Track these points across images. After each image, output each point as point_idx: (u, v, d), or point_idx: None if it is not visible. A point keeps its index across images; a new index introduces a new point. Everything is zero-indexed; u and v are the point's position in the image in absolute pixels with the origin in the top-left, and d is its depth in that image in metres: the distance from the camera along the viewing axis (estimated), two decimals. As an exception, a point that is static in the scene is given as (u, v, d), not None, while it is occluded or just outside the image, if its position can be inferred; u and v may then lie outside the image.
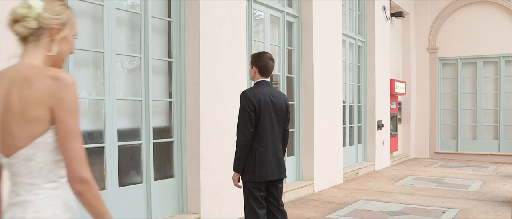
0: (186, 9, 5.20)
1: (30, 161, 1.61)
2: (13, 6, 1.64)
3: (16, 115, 1.59)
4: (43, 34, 1.67)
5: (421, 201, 6.76)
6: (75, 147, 1.59)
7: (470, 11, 12.50)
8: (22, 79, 1.61)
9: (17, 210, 1.61)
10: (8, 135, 1.62)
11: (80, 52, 4.31)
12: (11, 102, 1.60)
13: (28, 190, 1.62)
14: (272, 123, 3.79)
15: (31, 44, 1.68)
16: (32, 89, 1.59)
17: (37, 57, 1.67)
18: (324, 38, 7.76)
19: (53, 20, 1.68)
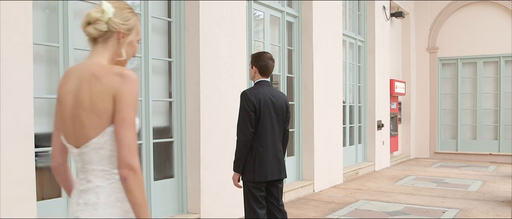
0: (186, 9, 5.19)
1: (101, 149, 1.77)
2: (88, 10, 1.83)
3: (86, 108, 1.76)
4: (111, 37, 1.84)
5: (421, 201, 6.76)
6: (127, 135, 1.74)
7: (470, 11, 12.50)
8: (91, 75, 1.77)
9: (89, 196, 1.78)
10: (80, 126, 1.78)
11: (80, 52, 4.30)
12: (81, 97, 1.77)
13: (99, 176, 1.79)
14: (272, 123, 3.79)
15: (100, 45, 1.84)
16: (101, 85, 1.75)
17: (104, 57, 1.84)
18: (324, 38, 7.76)
19: (121, 25, 1.83)
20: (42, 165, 4.05)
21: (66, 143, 1.88)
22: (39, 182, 3.80)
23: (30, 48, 3.48)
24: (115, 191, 1.79)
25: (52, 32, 4.05)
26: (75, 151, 1.83)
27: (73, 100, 1.79)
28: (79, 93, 1.78)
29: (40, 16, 4.00)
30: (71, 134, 1.83)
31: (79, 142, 1.80)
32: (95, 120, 1.76)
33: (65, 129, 1.85)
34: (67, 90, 1.82)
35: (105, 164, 1.79)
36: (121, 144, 1.73)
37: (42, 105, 4.02)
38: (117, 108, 1.75)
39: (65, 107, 1.82)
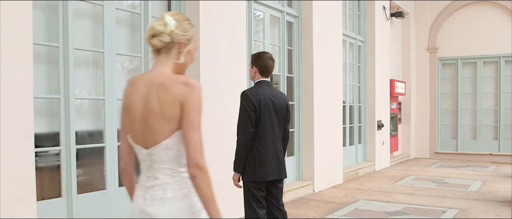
0: (186, 9, 5.19)
1: (170, 150, 1.96)
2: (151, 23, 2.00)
3: (156, 114, 1.93)
4: (173, 47, 2.01)
5: (421, 201, 6.76)
6: (195, 137, 1.92)
7: (470, 11, 12.50)
8: (159, 84, 1.95)
9: (157, 191, 1.97)
10: (149, 130, 1.95)
11: (80, 52, 4.30)
12: (150, 104, 1.94)
13: (166, 174, 1.98)
14: (272, 123, 3.78)
15: (163, 55, 2.02)
16: (169, 93, 1.93)
17: (168, 66, 2.02)
18: (324, 38, 7.76)
19: (182, 36, 2.01)
20: (42, 165, 4.05)
21: (134, 144, 2.05)
22: (39, 182, 3.80)
23: (30, 48, 3.48)
24: (181, 187, 1.98)
25: (52, 32, 4.05)
26: (144, 151, 2.00)
27: (143, 107, 1.96)
28: (148, 100, 1.95)
29: (40, 16, 4.00)
30: (140, 136, 2.00)
31: (148, 143, 1.98)
32: (164, 125, 1.94)
33: (134, 132, 2.02)
34: (136, 98, 1.99)
35: (173, 163, 1.98)
36: (189, 145, 1.91)
37: (42, 105, 4.03)
38: (185, 114, 1.93)
39: (134, 113, 1.99)
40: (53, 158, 4.13)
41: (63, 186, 4.06)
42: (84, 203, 4.22)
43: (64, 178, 4.06)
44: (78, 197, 4.16)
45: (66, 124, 4.07)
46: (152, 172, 2.01)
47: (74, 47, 4.15)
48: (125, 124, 2.06)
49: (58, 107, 4.06)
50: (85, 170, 4.46)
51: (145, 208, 1.99)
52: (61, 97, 4.06)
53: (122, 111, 2.06)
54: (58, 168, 4.07)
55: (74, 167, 4.11)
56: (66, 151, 4.07)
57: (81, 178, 4.36)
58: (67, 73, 4.08)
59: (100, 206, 4.38)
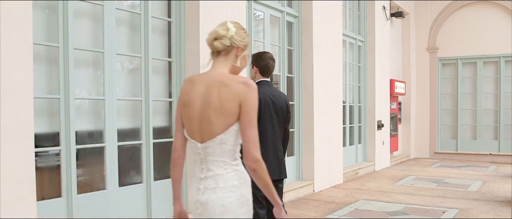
0: (186, 9, 5.19)
1: (224, 144, 2.15)
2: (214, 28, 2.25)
3: (215, 109, 2.13)
4: (231, 51, 2.24)
5: (421, 201, 6.76)
6: (253, 134, 2.11)
7: (470, 11, 12.50)
8: (220, 83, 2.15)
9: (209, 182, 2.17)
10: (208, 124, 2.14)
11: (80, 52, 4.30)
12: (211, 100, 2.14)
13: (219, 166, 2.17)
14: (273, 122, 3.78)
15: (222, 57, 2.24)
16: (229, 91, 2.13)
17: (226, 67, 2.24)
18: (324, 38, 7.76)
19: (240, 41, 2.25)
20: (42, 165, 4.05)
21: (190, 138, 2.23)
22: (39, 182, 3.80)
23: (30, 48, 3.48)
24: (232, 179, 2.18)
25: (52, 32, 4.05)
26: (200, 145, 2.19)
27: (203, 103, 2.16)
28: (208, 97, 2.15)
29: (40, 16, 4.00)
30: (196, 131, 2.19)
31: (204, 138, 2.17)
32: (222, 119, 2.13)
33: (191, 127, 2.21)
34: (196, 94, 2.19)
35: (226, 157, 2.18)
36: (248, 140, 2.11)
37: (42, 105, 4.03)
38: (244, 111, 2.12)
39: (193, 108, 2.19)
40: (53, 158, 4.13)
41: (63, 186, 4.06)
42: (84, 203, 4.22)
43: (64, 178, 4.06)
44: (78, 197, 4.16)
45: (66, 124, 4.07)
46: (206, 164, 2.19)
47: (74, 47, 4.15)
48: (183, 119, 2.26)
49: (58, 107, 4.06)
50: (85, 170, 4.46)
51: (198, 197, 2.18)
52: (61, 97, 4.06)
53: (180, 107, 2.25)
54: (58, 168, 4.07)
55: (74, 167, 4.11)
56: (66, 151, 4.07)
57: (81, 178, 4.36)
58: (67, 73, 4.08)
59: (100, 206, 4.38)
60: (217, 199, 2.14)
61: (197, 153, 2.21)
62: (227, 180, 2.17)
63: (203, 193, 2.17)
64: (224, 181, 2.16)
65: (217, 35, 2.21)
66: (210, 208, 2.15)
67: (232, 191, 2.16)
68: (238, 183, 2.19)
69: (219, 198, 2.14)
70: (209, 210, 2.15)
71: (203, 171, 2.20)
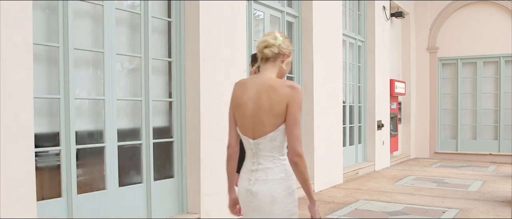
0: (186, 9, 5.19)
1: (274, 141, 2.43)
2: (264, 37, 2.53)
3: (266, 110, 2.40)
4: (278, 58, 2.51)
5: (421, 201, 6.76)
6: (297, 131, 2.38)
7: (470, 11, 12.49)
8: (269, 87, 2.42)
9: (260, 174, 2.46)
10: (259, 123, 2.42)
11: (80, 52, 4.30)
12: (261, 102, 2.41)
13: (269, 160, 2.46)
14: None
15: (270, 64, 2.51)
16: (277, 94, 2.39)
17: (273, 72, 2.51)
18: (324, 38, 7.76)
19: (286, 49, 2.51)
20: (42, 165, 4.05)
21: (242, 135, 2.52)
22: (39, 182, 3.80)
23: (30, 48, 3.48)
24: (280, 172, 2.45)
25: (52, 32, 4.05)
26: (252, 141, 2.48)
27: (254, 105, 2.43)
28: (259, 99, 2.42)
29: (40, 16, 4.00)
30: (249, 129, 2.47)
31: (256, 135, 2.45)
32: (272, 119, 2.40)
33: (244, 125, 2.49)
34: (248, 97, 2.46)
35: (275, 152, 2.45)
36: (292, 137, 2.38)
37: (42, 105, 4.03)
38: (290, 111, 2.38)
39: (246, 109, 2.46)
40: (53, 158, 4.13)
41: (63, 186, 4.06)
42: (84, 203, 4.22)
43: (64, 178, 4.06)
44: (78, 197, 4.16)
45: (66, 124, 4.07)
46: (257, 158, 2.48)
47: (74, 47, 4.15)
48: (236, 118, 2.54)
49: (58, 107, 4.06)
50: (85, 170, 4.46)
51: (249, 187, 2.47)
52: (61, 97, 4.06)
53: (234, 108, 2.54)
54: (58, 168, 4.07)
55: (74, 167, 4.11)
56: (66, 151, 4.07)
57: (81, 178, 4.36)
58: (67, 73, 4.08)
59: (100, 206, 4.38)
60: (267, 190, 2.42)
61: (249, 148, 2.51)
62: (275, 173, 2.44)
63: (254, 184, 2.46)
64: (273, 174, 2.44)
65: (267, 43, 2.48)
66: (261, 198, 2.43)
67: (280, 183, 2.44)
68: (285, 175, 2.46)
69: (268, 189, 2.43)
70: (259, 199, 2.44)
71: (254, 164, 2.49)
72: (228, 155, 2.67)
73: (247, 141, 2.51)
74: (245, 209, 2.55)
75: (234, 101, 2.54)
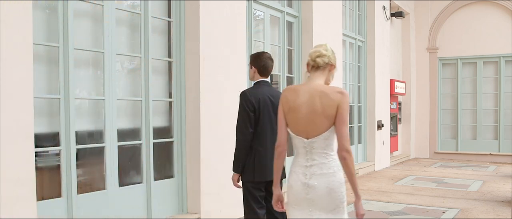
0: (186, 9, 5.19)
1: (326, 139, 2.75)
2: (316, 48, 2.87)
3: (319, 113, 2.72)
4: (326, 67, 2.85)
5: (421, 201, 6.76)
6: (346, 131, 2.72)
7: (470, 11, 12.50)
8: (321, 92, 2.74)
9: (315, 169, 2.77)
10: (313, 125, 2.74)
11: (80, 52, 4.31)
12: (315, 106, 2.73)
13: (322, 156, 2.78)
14: (272, 123, 3.78)
15: (319, 72, 2.84)
16: (329, 99, 2.72)
17: (321, 79, 2.84)
18: (324, 38, 7.75)
19: (333, 60, 2.87)
20: (42, 165, 4.05)
21: (296, 136, 2.81)
22: (39, 182, 3.80)
23: (30, 48, 3.48)
24: (332, 166, 2.78)
25: (52, 32, 4.05)
26: (306, 140, 2.78)
27: (308, 108, 2.75)
28: (313, 104, 2.74)
29: (40, 16, 4.00)
30: (303, 130, 2.77)
31: (309, 135, 2.76)
32: (325, 121, 2.72)
33: (297, 127, 2.79)
34: (301, 101, 2.77)
35: (327, 149, 2.78)
36: (342, 136, 2.70)
37: (42, 105, 4.03)
38: (340, 113, 2.71)
39: (300, 113, 2.77)
40: (53, 158, 4.13)
41: (63, 186, 4.06)
42: (84, 203, 4.22)
43: (64, 178, 4.06)
44: (78, 197, 4.16)
45: (66, 124, 4.07)
46: (311, 155, 2.79)
47: (74, 47, 4.15)
48: (289, 121, 2.82)
49: (58, 107, 4.06)
50: (85, 170, 4.46)
51: (306, 181, 2.78)
52: (61, 97, 4.06)
53: (287, 111, 2.82)
54: (58, 168, 4.07)
55: (74, 167, 4.11)
56: (66, 151, 4.07)
57: (81, 178, 4.36)
58: (67, 73, 4.08)
59: (100, 206, 4.38)
60: (323, 182, 2.75)
61: (302, 146, 2.80)
62: (329, 167, 2.77)
63: (310, 178, 2.77)
64: (327, 168, 2.77)
65: (320, 53, 2.83)
66: (318, 189, 2.76)
67: (334, 175, 2.77)
68: (337, 169, 2.79)
69: (324, 181, 2.76)
70: (316, 191, 2.76)
71: (308, 161, 2.80)
72: (278, 152, 2.93)
73: (300, 140, 2.80)
74: (300, 201, 2.83)
75: (287, 105, 2.81)
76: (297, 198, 2.83)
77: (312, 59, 2.83)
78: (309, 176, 2.78)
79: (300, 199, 2.82)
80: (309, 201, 2.79)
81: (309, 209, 2.82)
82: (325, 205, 2.79)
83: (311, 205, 2.80)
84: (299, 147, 2.82)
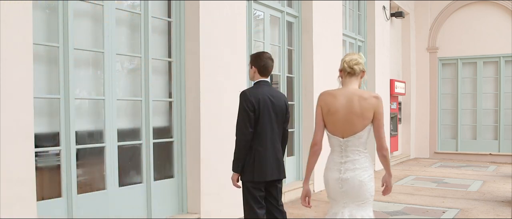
0: (186, 9, 5.19)
1: (360, 138, 3.09)
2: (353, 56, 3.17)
3: (357, 115, 3.04)
4: (359, 74, 3.15)
5: (421, 201, 6.76)
6: (383, 132, 3.12)
7: (470, 11, 12.49)
8: (359, 97, 3.06)
9: (348, 165, 3.09)
10: (350, 125, 3.05)
11: (80, 52, 4.31)
12: (354, 109, 3.04)
13: (355, 153, 3.11)
14: (272, 123, 3.78)
15: (354, 78, 3.13)
16: (367, 102, 3.06)
17: (355, 85, 3.14)
18: (324, 38, 7.76)
19: (364, 68, 3.18)
20: (42, 165, 4.05)
21: (332, 135, 3.13)
22: (39, 182, 3.80)
23: (30, 48, 3.48)
24: (364, 162, 3.13)
25: (52, 32, 4.05)
26: (341, 139, 3.10)
27: (346, 111, 3.05)
28: (351, 106, 3.04)
29: (40, 16, 4.00)
30: (339, 130, 3.08)
31: (345, 134, 3.07)
32: (361, 122, 3.05)
33: (334, 127, 3.09)
34: (340, 105, 3.06)
35: (360, 147, 3.11)
36: (380, 137, 3.11)
37: (42, 105, 4.03)
38: (377, 117, 3.07)
39: (338, 115, 3.06)
40: (53, 158, 4.13)
41: (63, 186, 4.06)
42: (84, 203, 4.22)
43: (64, 178, 4.06)
44: (78, 197, 4.16)
45: (66, 124, 4.07)
46: (345, 153, 3.10)
47: (74, 47, 4.15)
48: (327, 122, 3.11)
49: (58, 107, 4.06)
50: (85, 170, 4.46)
51: (340, 175, 3.09)
52: (61, 97, 4.06)
53: (325, 113, 3.11)
54: (58, 168, 4.07)
55: (74, 167, 4.11)
56: (66, 151, 4.07)
57: (81, 178, 4.36)
58: (67, 73, 4.08)
59: (100, 206, 4.38)
60: (356, 176, 3.07)
61: (338, 145, 3.11)
62: (361, 163, 3.10)
63: (344, 172, 3.09)
64: (359, 163, 3.09)
65: (357, 61, 3.12)
66: (351, 182, 3.06)
67: (365, 170, 3.11)
68: (368, 165, 3.16)
69: (357, 175, 3.07)
70: (349, 184, 3.07)
71: (343, 157, 3.11)
72: (314, 151, 3.21)
73: (336, 139, 3.11)
74: (336, 195, 3.15)
75: (326, 107, 3.10)
76: (334, 192, 3.16)
77: (350, 66, 3.11)
78: (343, 171, 3.10)
79: (336, 193, 3.14)
80: (344, 194, 3.11)
81: (344, 201, 3.14)
82: (355, 198, 3.11)
83: (345, 198, 3.12)
84: (335, 145, 3.14)
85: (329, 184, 3.17)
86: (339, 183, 3.10)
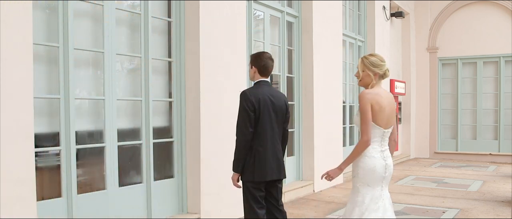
0: (186, 9, 5.20)
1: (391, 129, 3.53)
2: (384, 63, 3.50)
3: (393, 110, 3.50)
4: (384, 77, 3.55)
5: (421, 201, 6.76)
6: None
7: (470, 11, 12.49)
8: (391, 96, 3.56)
9: (386, 152, 3.51)
10: (390, 119, 3.48)
11: (80, 52, 4.31)
12: (391, 105, 3.49)
13: (387, 143, 3.52)
14: (272, 123, 3.78)
15: (380, 80, 3.50)
16: (393, 100, 3.54)
17: (382, 85, 3.57)
18: (324, 38, 7.76)
19: None
20: (42, 165, 4.05)
21: (378, 126, 3.42)
22: (39, 182, 3.80)
23: (30, 48, 3.48)
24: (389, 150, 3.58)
25: (52, 32, 4.05)
26: (383, 130, 3.46)
27: (389, 106, 3.46)
28: (390, 103, 3.48)
29: (40, 16, 4.00)
30: (384, 123, 3.44)
31: (386, 126, 3.46)
32: (394, 118, 3.52)
33: (381, 121, 3.43)
34: (385, 102, 3.44)
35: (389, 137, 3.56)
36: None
37: (42, 105, 4.03)
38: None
39: (385, 111, 3.43)
40: (53, 158, 4.13)
41: (63, 186, 4.06)
42: (84, 203, 4.22)
43: (64, 178, 4.06)
44: (78, 197, 4.16)
45: (66, 124, 4.07)
46: (384, 142, 3.51)
47: (74, 47, 4.15)
48: (377, 118, 3.40)
49: (58, 107, 4.06)
50: (85, 170, 4.46)
51: (384, 162, 3.48)
52: (61, 97, 4.06)
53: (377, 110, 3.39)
54: (58, 168, 4.07)
55: (74, 167, 4.11)
56: (66, 151, 4.07)
57: (81, 178, 4.37)
58: (67, 73, 4.08)
59: (100, 206, 4.38)
60: (392, 162, 3.55)
61: (379, 135, 3.45)
62: (389, 151, 3.57)
63: (386, 158, 3.49)
64: (389, 151, 3.55)
65: (386, 68, 3.49)
66: (390, 167, 3.52)
67: (391, 157, 3.58)
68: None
69: (392, 161, 3.56)
70: (390, 168, 3.52)
71: (383, 146, 3.50)
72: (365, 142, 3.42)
73: (379, 130, 3.44)
74: (378, 180, 3.48)
75: (377, 105, 3.40)
76: (376, 178, 3.46)
77: (383, 72, 3.49)
78: (385, 158, 3.49)
79: (378, 179, 3.47)
80: (385, 178, 3.50)
81: (381, 186, 3.51)
82: (389, 180, 3.57)
83: (384, 181, 3.51)
84: (377, 136, 3.45)
85: (376, 170, 3.45)
86: (383, 169, 3.46)
